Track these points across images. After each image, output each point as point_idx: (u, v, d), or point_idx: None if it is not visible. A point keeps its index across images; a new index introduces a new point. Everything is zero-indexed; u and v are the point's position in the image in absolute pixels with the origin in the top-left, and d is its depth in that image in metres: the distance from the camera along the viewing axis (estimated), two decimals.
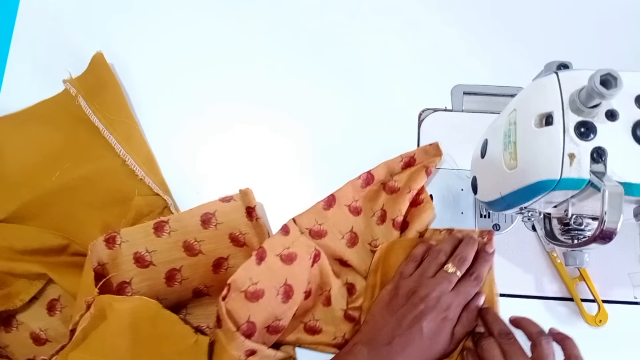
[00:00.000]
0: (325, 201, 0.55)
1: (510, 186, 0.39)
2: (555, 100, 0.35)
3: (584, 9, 0.63)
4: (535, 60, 0.41)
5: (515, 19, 0.63)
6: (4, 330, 0.51)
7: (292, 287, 0.49)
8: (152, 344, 0.46)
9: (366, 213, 0.56)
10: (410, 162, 0.57)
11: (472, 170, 0.50)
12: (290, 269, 0.49)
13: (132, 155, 0.57)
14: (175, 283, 0.50)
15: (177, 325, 0.47)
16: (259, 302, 0.47)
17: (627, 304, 0.51)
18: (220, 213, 0.52)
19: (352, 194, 0.56)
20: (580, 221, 0.40)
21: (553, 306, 0.52)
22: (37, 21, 0.65)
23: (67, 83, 0.60)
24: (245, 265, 0.48)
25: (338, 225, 0.54)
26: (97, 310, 0.46)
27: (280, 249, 0.50)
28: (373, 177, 0.56)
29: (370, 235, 0.55)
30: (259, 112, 0.60)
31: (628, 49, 0.61)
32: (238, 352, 0.45)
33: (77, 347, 0.45)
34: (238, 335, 0.45)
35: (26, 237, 0.52)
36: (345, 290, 0.53)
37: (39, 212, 0.55)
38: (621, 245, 0.52)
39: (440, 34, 0.63)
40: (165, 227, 0.51)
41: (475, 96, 0.59)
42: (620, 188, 0.32)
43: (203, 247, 0.51)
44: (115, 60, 0.62)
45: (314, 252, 0.51)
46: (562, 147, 0.34)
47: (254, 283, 0.47)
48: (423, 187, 0.55)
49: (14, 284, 0.52)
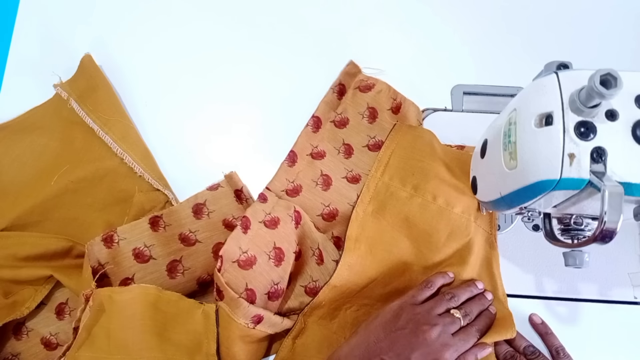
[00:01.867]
0: (288, 159, 0.57)
1: (510, 186, 0.39)
2: (555, 100, 0.35)
3: (585, 9, 0.63)
4: (535, 60, 0.41)
5: (516, 19, 0.63)
6: (15, 339, 0.51)
7: (281, 249, 0.50)
8: (158, 330, 0.47)
9: (331, 153, 0.57)
10: (341, 89, 0.59)
11: (472, 170, 0.50)
12: (276, 233, 0.50)
13: (129, 153, 0.57)
14: (178, 274, 0.51)
15: (180, 301, 0.48)
16: (253, 269, 0.48)
17: (627, 304, 0.51)
18: (210, 201, 0.53)
19: (309, 142, 0.58)
20: (580, 221, 0.40)
21: (553, 306, 0.52)
22: (37, 21, 0.65)
23: (57, 87, 0.60)
24: (233, 236, 0.48)
25: (308, 175, 0.56)
26: (96, 304, 0.46)
27: (262, 215, 0.51)
28: (319, 118, 0.58)
29: (343, 170, 0.56)
30: (257, 112, 0.61)
31: (628, 49, 0.61)
32: (245, 320, 0.45)
33: (82, 345, 0.45)
34: (242, 301, 0.45)
35: (29, 244, 0.52)
36: (332, 244, 0.53)
37: (41, 218, 0.55)
38: (621, 245, 0.52)
39: (441, 34, 0.63)
40: (160, 222, 0.52)
41: (475, 96, 0.59)
42: (620, 188, 0.32)
43: (199, 236, 0.52)
44: (110, 60, 0.62)
45: (294, 214, 0.52)
46: (562, 147, 0.34)
47: (244, 251, 0.48)
48: (395, 92, 0.58)
49: (20, 292, 0.52)
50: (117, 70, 0.62)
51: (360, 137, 0.57)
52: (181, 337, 0.47)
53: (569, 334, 0.50)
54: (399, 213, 0.52)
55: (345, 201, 0.55)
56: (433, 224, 0.50)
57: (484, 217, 0.51)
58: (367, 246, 0.52)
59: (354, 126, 0.58)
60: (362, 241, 0.52)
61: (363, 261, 0.51)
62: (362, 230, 0.53)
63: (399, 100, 0.58)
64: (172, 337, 0.47)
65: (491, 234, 0.51)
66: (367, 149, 0.56)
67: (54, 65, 0.62)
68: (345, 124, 0.58)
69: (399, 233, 0.52)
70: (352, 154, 0.57)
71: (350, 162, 0.56)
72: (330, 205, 0.54)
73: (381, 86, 0.59)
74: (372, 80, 0.59)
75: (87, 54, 0.61)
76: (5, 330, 0.51)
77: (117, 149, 0.57)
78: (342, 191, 0.55)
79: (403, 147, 0.55)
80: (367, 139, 0.57)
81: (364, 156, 0.56)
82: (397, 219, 0.52)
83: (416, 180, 0.52)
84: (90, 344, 0.46)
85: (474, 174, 0.49)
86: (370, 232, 0.52)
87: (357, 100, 0.58)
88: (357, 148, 0.57)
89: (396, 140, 0.55)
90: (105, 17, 0.65)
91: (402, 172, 0.53)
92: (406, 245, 0.51)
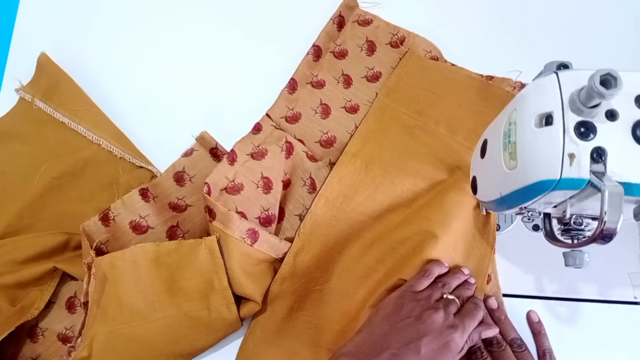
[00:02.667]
0: (288, 86, 0.58)
1: (510, 186, 0.39)
2: (555, 100, 0.34)
3: (585, 9, 0.63)
4: (535, 61, 0.41)
5: (516, 19, 0.63)
6: (31, 342, 0.51)
7: (269, 178, 0.51)
8: (167, 285, 0.47)
9: (330, 83, 0.59)
10: (341, 21, 0.61)
11: (472, 170, 0.50)
12: (263, 163, 0.52)
13: (105, 138, 0.57)
14: (179, 239, 0.52)
15: (180, 247, 0.48)
16: (241, 194, 0.49)
17: (627, 304, 0.51)
18: (189, 167, 0.54)
19: (309, 71, 0.59)
20: (580, 221, 0.40)
21: (553, 306, 0.52)
22: (37, 22, 0.65)
23: (20, 92, 0.60)
24: (219, 167, 0.50)
25: (308, 103, 0.58)
26: (100, 273, 0.46)
27: (250, 147, 0.53)
28: (319, 47, 0.60)
29: (342, 100, 0.58)
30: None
31: (628, 49, 0.61)
32: (240, 233, 0.46)
33: (95, 321, 0.45)
34: (233, 214, 0.46)
35: (25, 246, 0.52)
36: (327, 171, 0.55)
37: (31, 220, 0.55)
38: (621, 245, 0.52)
39: (441, 34, 0.63)
40: (148, 194, 0.52)
41: None
42: (620, 188, 0.32)
43: (188, 201, 0.53)
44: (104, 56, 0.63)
45: (285, 145, 0.53)
46: (562, 147, 0.34)
47: (232, 180, 0.50)
48: (395, 27, 0.60)
49: (26, 296, 0.51)
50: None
51: (359, 68, 0.59)
52: (191, 283, 0.47)
53: (569, 334, 0.50)
54: (400, 135, 0.55)
55: (344, 129, 0.57)
56: (432, 149, 0.54)
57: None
58: (363, 163, 0.54)
59: (353, 58, 0.60)
60: (359, 157, 0.54)
61: (355, 176, 0.54)
62: (362, 146, 0.55)
63: (401, 35, 0.60)
64: (183, 287, 0.47)
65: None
66: (366, 79, 0.59)
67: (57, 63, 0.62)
68: (344, 55, 0.60)
69: (399, 154, 0.54)
70: (351, 84, 0.59)
71: (349, 92, 0.58)
72: (329, 133, 0.56)
73: (379, 22, 0.61)
74: (370, 16, 0.61)
75: (43, 52, 0.61)
76: (21, 335, 0.51)
77: (92, 136, 0.58)
78: (340, 120, 0.57)
79: (412, 75, 0.58)
80: (366, 70, 0.59)
81: (363, 87, 0.59)
82: (398, 140, 0.55)
83: (420, 107, 0.56)
84: (104, 317, 0.46)
85: (474, 174, 0.49)
86: (369, 150, 0.55)
87: (355, 33, 0.61)
88: (356, 79, 0.59)
89: (406, 68, 0.58)
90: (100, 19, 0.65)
91: (408, 98, 0.57)
92: (404, 166, 0.54)
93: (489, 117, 0.49)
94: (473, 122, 0.55)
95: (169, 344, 0.46)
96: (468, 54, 0.61)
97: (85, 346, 0.45)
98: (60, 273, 0.52)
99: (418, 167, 0.54)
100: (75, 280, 0.53)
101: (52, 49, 0.63)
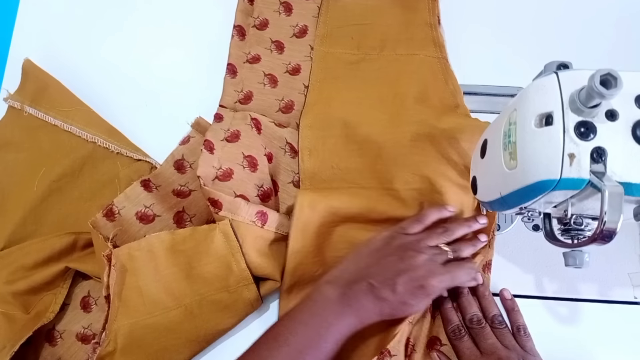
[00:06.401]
0: (228, 71, 0.59)
1: (510, 186, 0.39)
2: (555, 100, 0.34)
3: (584, 9, 0.63)
4: (535, 60, 0.41)
5: (516, 19, 0.63)
6: (50, 346, 0.51)
7: (252, 156, 0.52)
8: (186, 272, 0.47)
9: (265, 54, 0.60)
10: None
11: (472, 170, 0.50)
12: (241, 144, 0.53)
13: (99, 135, 0.58)
14: (187, 223, 0.52)
15: (195, 233, 0.48)
16: (234, 178, 0.50)
17: (627, 304, 0.51)
18: (187, 154, 0.55)
19: (241, 50, 0.61)
20: (580, 221, 0.40)
21: (553, 306, 0.52)
22: (37, 22, 0.65)
23: (8, 100, 0.60)
24: (202, 159, 0.50)
25: (253, 80, 0.59)
26: (119, 265, 0.46)
27: (222, 133, 0.53)
28: (241, 26, 0.62)
29: (282, 65, 0.60)
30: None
31: (628, 49, 0.61)
32: (250, 217, 0.47)
33: (118, 314, 0.45)
34: (239, 200, 0.47)
35: (33, 251, 0.52)
36: (297, 133, 0.55)
37: (35, 226, 0.55)
38: (621, 245, 0.52)
39: None
40: (150, 185, 0.52)
41: (475, 96, 0.59)
42: (620, 188, 0.32)
43: (191, 187, 0.54)
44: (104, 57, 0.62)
45: (252, 122, 0.54)
46: (562, 147, 0.34)
47: (219, 168, 0.50)
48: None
49: (39, 302, 0.51)
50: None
51: (285, 30, 0.61)
52: (209, 268, 0.47)
53: (569, 334, 0.50)
54: (349, 73, 0.58)
55: (296, 92, 0.58)
56: (382, 72, 0.57)
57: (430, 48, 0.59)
58: (324, 106, 0.56)
59: (275, 23, 0.61)
60: (320, 103, 0.57)
61: (323, 116, 0.56)
62: (319, 95, 0.57)
63: None
64: (201, 272, 0.47)
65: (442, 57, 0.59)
66: (295, 37, 0.60)
67: (56, 63, 0.62)
68: (265, 25, 0.61)
69: (356, 90, 0.57)
70: (284, 47, 0.60)
71: (285, 55, 0.60)
72: (284, 99, 0.58)
73: None
74: None
75: (27, 58, 0.61)
76: (39, 341, 0.51)
77: (86, 135, 0.58)
78: (289, 84, 0.59)
79: (336, 17, 0.61)
80: (292, 29, 0.61)
81: (295, 45, 0.60)
82: (350, 77, 0.57)
83: (356, 42, 0.59)
84: (126, 309, 0.46)
85: (474, 174, 0.49)
86: (327, 94, 0.57)
87: (268, 1, 0.62)
88: (286, 40, 0.61)
89: (329, 12, 0.61)
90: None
91: (342, 38, 0.60)
92: (364, 95, 0.56)
93: (417, 21, 0.58)
94: (406, 31, 0.59)
95: (192, 330, 0.47)
96: (468, 54, 0.61)
97: (110, 340, 0.45)
98: (72, 275, 0.52)
99: (379, 91, 0.56)
100: (86, 280, 0.53)
101: (42, 57, 0.63)
